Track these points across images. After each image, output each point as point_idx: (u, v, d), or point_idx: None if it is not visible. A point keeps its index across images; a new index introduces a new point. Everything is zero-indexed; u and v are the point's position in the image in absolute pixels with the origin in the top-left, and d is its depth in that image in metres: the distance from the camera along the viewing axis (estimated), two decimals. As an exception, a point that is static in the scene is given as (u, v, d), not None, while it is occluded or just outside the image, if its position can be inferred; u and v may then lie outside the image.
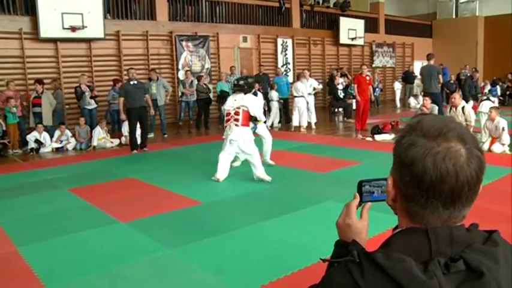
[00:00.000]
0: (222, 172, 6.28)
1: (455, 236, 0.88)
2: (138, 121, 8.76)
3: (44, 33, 11.10)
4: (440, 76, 10.02)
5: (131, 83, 8.53)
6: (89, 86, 10.73)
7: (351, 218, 1.10)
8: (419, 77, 12.99)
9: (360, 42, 18.43)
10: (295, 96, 11.37)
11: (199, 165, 7.56)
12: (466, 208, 0.90)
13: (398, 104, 17.31)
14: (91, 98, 10.59)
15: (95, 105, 10.74)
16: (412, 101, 15.82)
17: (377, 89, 16.68)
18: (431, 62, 10.15)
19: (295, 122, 11.43)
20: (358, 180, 1.14)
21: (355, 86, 11.02)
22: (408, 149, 0.89)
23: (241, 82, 6.44)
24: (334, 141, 9.45)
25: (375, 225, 1.63)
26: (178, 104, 12.69)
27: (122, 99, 8.58)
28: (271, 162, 7.13)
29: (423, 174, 0.87)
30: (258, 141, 6.91)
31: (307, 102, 11.47)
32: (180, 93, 12.43)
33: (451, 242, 0.88)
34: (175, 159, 8.17)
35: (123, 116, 8.56)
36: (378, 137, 9.55)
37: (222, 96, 12.08)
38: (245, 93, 6.34)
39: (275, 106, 12.14)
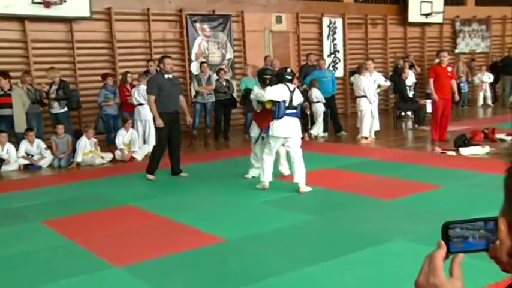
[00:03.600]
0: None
1: None
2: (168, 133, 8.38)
3: (4, 7, 11.01)
4: None
5: (166, 76, 8.22)
6: (62, 82, 10.84)
7: (437, 276, 1.07)
8: None
9: (438, 19, 18.21)
10: (358, 97, 11.40)
11: (220, 188, 7.61)
12: None
13: (481, 102, 17.05)
14: (55, 99, 10.71)
15: (62, 109, 10.81)
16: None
17: (463, 84, 16.41)
18: None
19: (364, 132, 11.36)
20: (443, 223, 1.12)
21: (431, 80, 10.89)
22: None
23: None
24: (402, 157, 9.36)
25: (470, 279, 1.56)
26: (191, 106, 12.75)
27: (153, 97, 8.11)
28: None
29: None
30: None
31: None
32: (193, 93, 12.59)
33: None
34: (189, 180, 8.22)
35: (160, 122, 8.09)
36: (464, 151, 9.37)
37: (248, 96, 12.12)
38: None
39: (320, 109, 12.07)
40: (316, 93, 12.06)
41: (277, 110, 7.07)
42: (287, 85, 7.16)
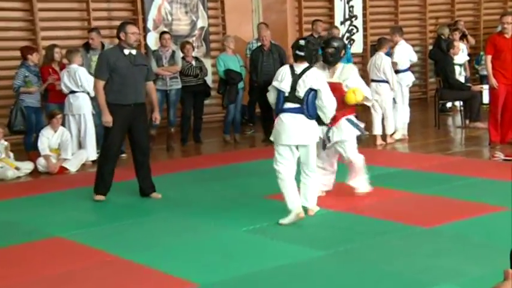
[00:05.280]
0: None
1: None
2: (126, 134, 8.45)
3: None
4: None
5: (126, 52, 8.18)
6: None
7: None
8: None
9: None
10: (374, 81, 11.42)
11: (189, 211, 7.59)
12: None
13: None
14: None
15: None
16: None
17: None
18: None
19: (377, 130, 11.43)
20: None
21: (488, 58, 10.90)
22: None
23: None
24: (447, 166, 9.39)
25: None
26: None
27: (101, 83, 8.11)
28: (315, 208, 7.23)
29: None
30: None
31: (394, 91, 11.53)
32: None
33: None
34: (144, 201, 8.22)
35: (108, 118, 8.07)
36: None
37: (229, 81, 12.13)
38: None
39: None
40: None
41: (276, 104, 6.97)
42: (291, 66, 7.02)
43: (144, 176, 8.39)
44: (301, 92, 6.75)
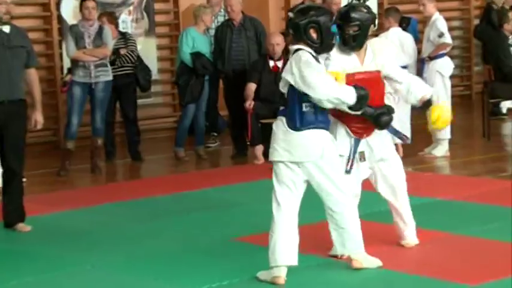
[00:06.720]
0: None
1: None
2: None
3: None
4: None
5: None
6: None
7: None
8: None
9: None
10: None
11: (121, 263, 7.52)
12: None
13: None
14: None
15: None
16: None
17: None
18: None
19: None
20: None
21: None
22: None
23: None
24: (500, 194, 9.43)
25: None
26: (62, 91, 12.88)
27: None
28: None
29: None
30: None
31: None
32: (67, 64, 12.68)
33: None
34: (57, 247, 8.18)
35: None
36: None
37: (199, 70, 12.20)
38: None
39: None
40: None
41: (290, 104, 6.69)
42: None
43: (11, 196, 8.71)
44: (281, 86, 6.61)
